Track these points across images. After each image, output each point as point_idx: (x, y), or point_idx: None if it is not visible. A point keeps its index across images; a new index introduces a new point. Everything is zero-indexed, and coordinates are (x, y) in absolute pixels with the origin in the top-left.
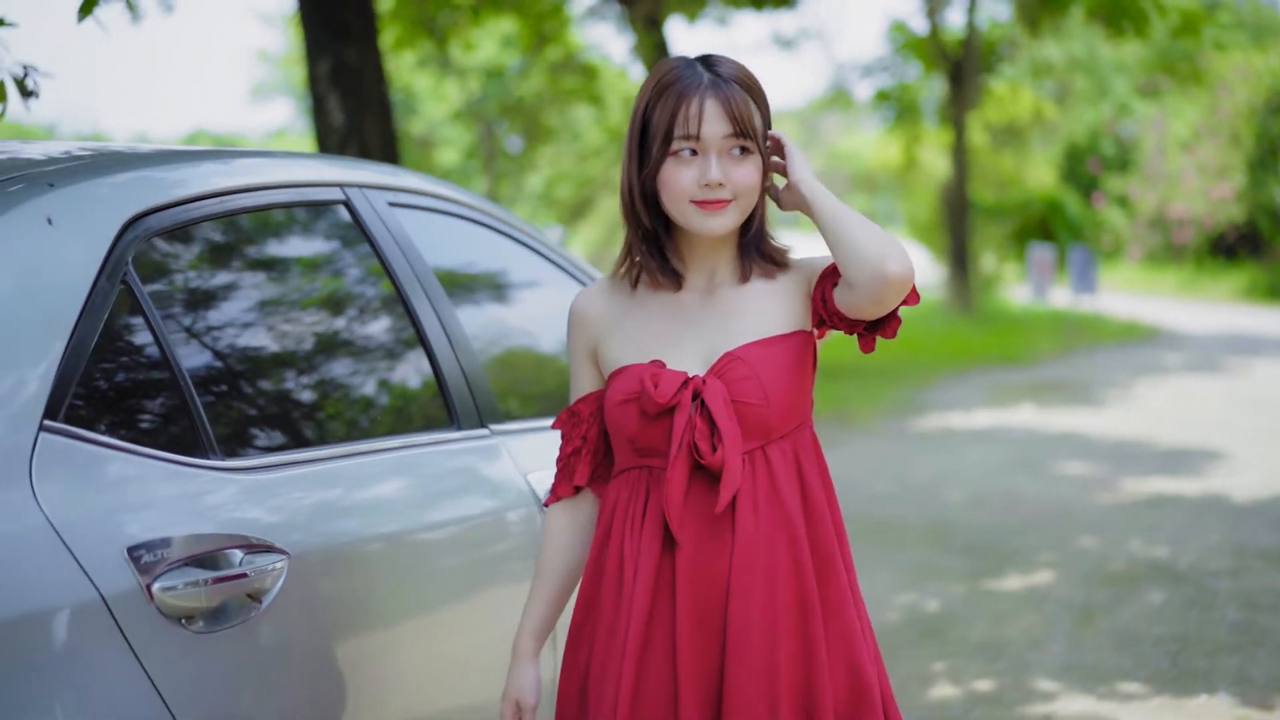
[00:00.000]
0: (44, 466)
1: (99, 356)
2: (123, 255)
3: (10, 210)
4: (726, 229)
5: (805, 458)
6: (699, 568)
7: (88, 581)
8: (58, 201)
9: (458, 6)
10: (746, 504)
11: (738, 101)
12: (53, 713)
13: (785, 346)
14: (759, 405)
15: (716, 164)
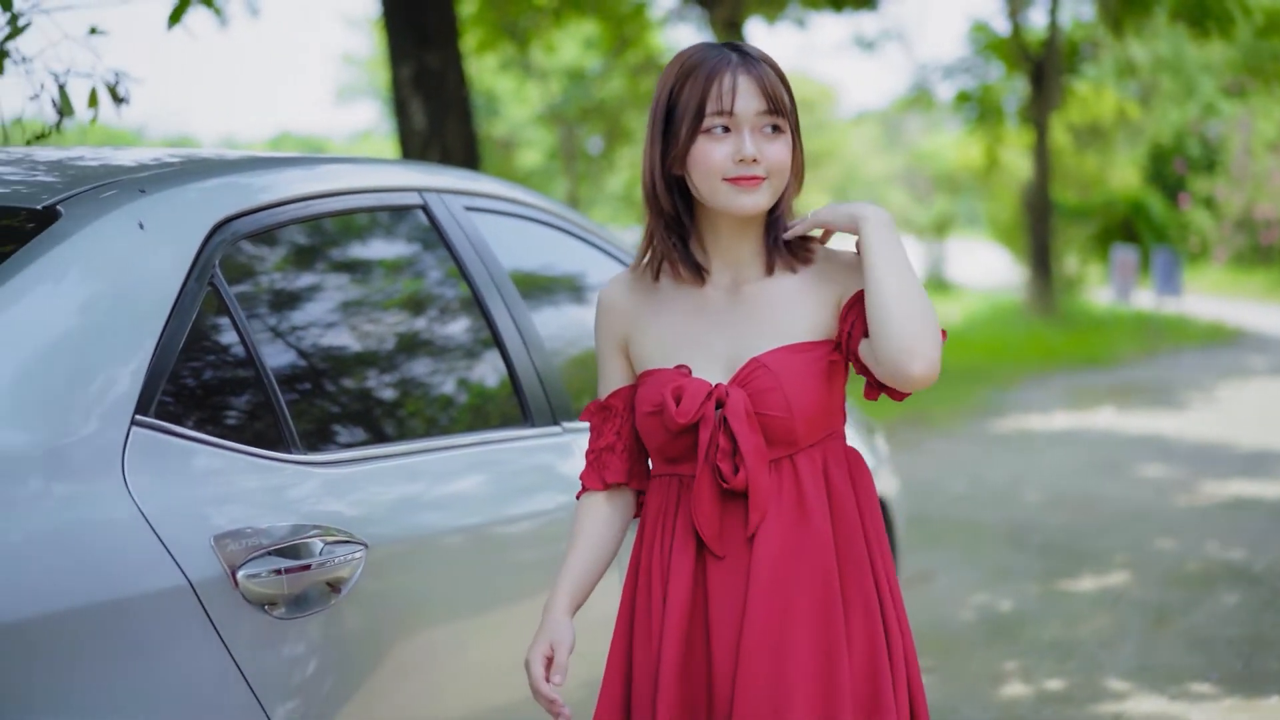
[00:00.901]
0: (135, 459)
1: (187, 354)
2: (210, 258)
3: (104, 215)
4: (760, 208)
5: (835, 468)
6: (724, 578)
7: (176, 568)
8: (149, 206)
9: (540, 9)
10: (771, 514)
11: (770, 79)
12: (144, 692)
13: (813, 356)
14: (783, 417)
15: (750, 140)
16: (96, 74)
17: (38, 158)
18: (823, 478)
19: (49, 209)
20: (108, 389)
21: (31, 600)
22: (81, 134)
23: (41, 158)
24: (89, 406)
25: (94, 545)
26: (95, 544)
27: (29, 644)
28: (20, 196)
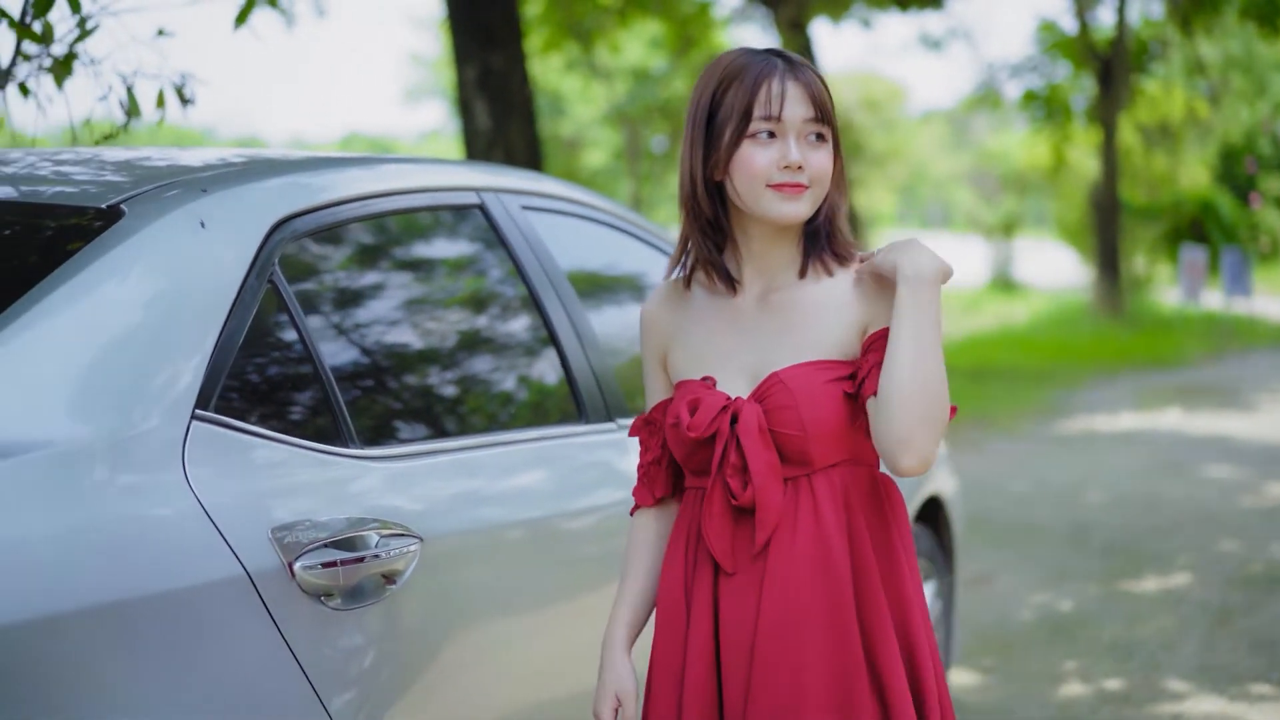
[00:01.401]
0: (195, 453)
1: (247, 351)
2: (270, 256)
3: (166, 214)
4: (801, 216)
5: (858, 493)
6: (735, 595)
7: (234, 559)
8: (210, 205)
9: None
10: (785, 533)
11: (816, 87)
12: (202, 680)
13: (834, 375)
14: (796, 435)
15: (796, 147)
16: (164, 75)
17: (105, 158)
18: (842, 502)
19: (113, 208)
20: (169, 384)
21: (95, 589)
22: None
23: (109, 158)
24: (151, 401)
25: (155, 536)
26: (156, 535)
27: (92, 631)
28: (86, 196)
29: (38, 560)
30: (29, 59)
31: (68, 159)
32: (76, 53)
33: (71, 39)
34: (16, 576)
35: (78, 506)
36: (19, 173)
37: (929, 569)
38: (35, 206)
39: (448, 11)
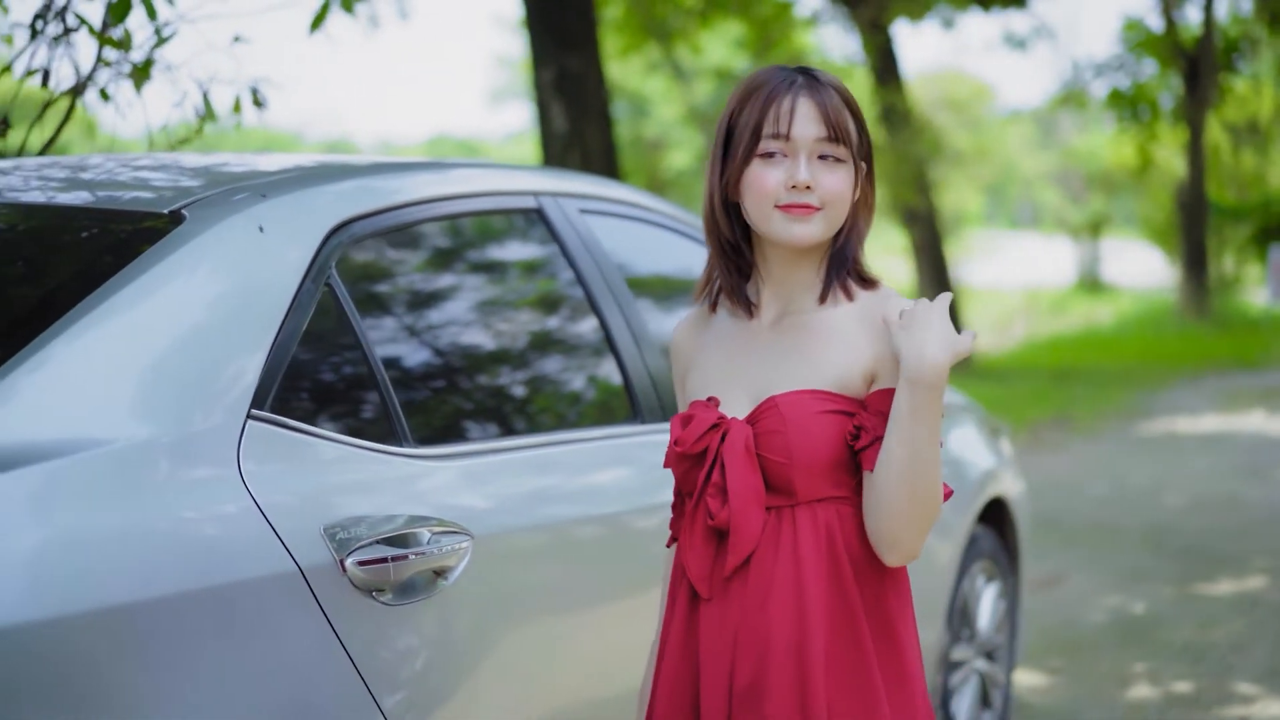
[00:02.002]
0: (250, 451)
1: (302, 352)
2: (327, 259)
3: (226, 219)
4: (812, 239)
5: (844, 537)
6: (716, 624)
7: (287, 555)
8: (269, 210)
9: (685, 10)
10: (765, 563)
11: (833, 106)
12: (255, 673)
13: (832, 408)
14: (781, 463)
15: (806, 166)
16: (239, 81)
17: (175, 163)
18: (825, 540)
19: (175, 213)
20: (225, 384)
21: (152, 582)
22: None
23: (179, 163)
24: (207, 400)
25: (209, 532)
26: (210, 531)
27: (149, 622)
28: (150, 201)
29: (99, 553)
30: (109, 65)
31: (144, 164)
32: (154, 59)
33: (150, 46)
34: (78, 568)
35: (136, 502)
36: (91, 178)
37: (993, 570)
38: (100, 211)
39: (526, 14)
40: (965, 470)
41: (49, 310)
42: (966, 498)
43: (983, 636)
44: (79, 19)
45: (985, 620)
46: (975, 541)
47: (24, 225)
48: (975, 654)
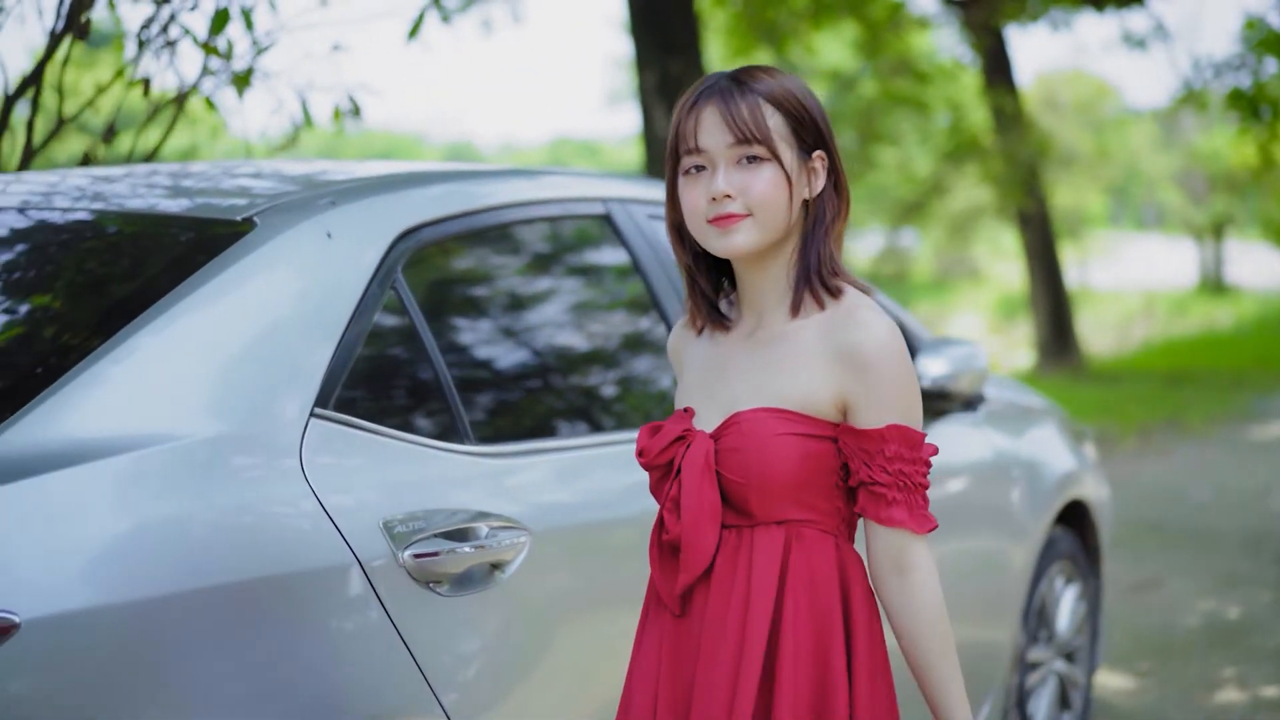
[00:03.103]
0: (313, 448)
1: (367, 353)
2: (393, 265)
3: (294, 226)
4: (746, 247)
5: (802, 563)
6: (679, 639)
7: (346, 548)
8: (337, 217)
9: (796, 13)
10: (724, 583)
11: (741, 108)
12: (313, 662)
13: (796, 429)
14: (738, 482)
15: (724, 175)
16: (338, 88)
17: (270, 170)
18: (779, 565)
19: (247, 220)
20: (290, 384)
21: (217, 570)
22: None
23: (271, 170)
24: (273, 399)
25: (271, 524)
26: (273, 523)
27: (215, 609)
28: (226, 208)
29: (168, 542)
30: (212, 74)
31: (240, 171)
32: (254, 68)
33: (252, 54)
34: (147, 556)
35: (204, 494)
36: (183, 184)
37: (1072, 572)
38: (179, 218)
39: (630, 18)
40: (1042, 472)
41: (123, 314)
42: (1044, 500)
43: (1061, 638)
44: (184, 29)
45: (1064, 622)
46: (1053, 543)
47: (114, 230)
48: (1054, 655)
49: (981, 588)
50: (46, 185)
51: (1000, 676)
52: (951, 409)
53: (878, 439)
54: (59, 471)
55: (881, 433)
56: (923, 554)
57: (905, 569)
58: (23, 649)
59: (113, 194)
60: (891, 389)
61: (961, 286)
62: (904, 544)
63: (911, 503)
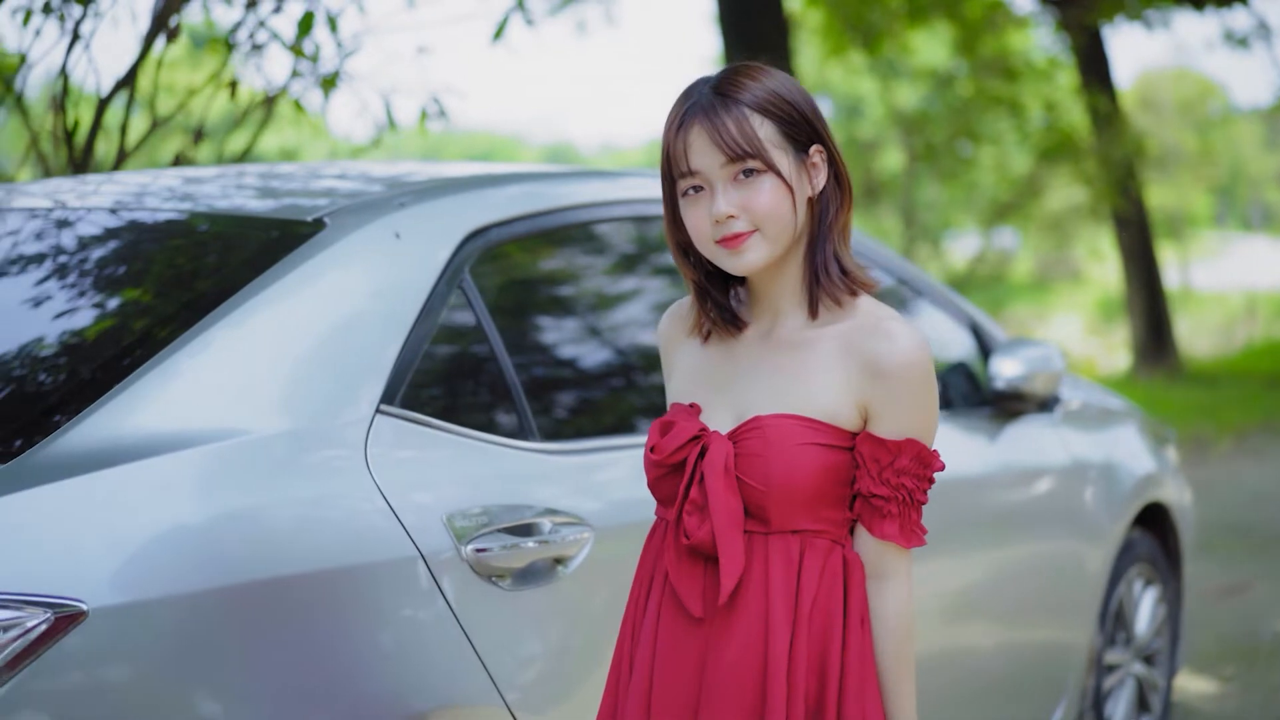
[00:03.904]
0: (378, 443)
1: (432, 351)
2: (461, 265)
3: (363, 226)
4: (757, 264)
5: (813, 571)
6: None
7: (410, 542)
8: (406, 218)
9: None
10: (744, 591)
11: (729, 124)
12: (377, 653)
13: (817, 437)
14: (758, 488)
15: (723, 195)
16: (423, 91)
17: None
18: (795, 574)
19: (317, 220)
20: (357, 380)
21: (282, 562)
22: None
23: (355, 172)
24: (339, 395)
25: (336, 517)
26: (337, 516)
27: (277, 601)
28: (299, 209)
29: (233, 534)
30: (299, 76)
31: (325, 172)
32: (340, 71)
33: (339, 58)
34: (213, 548)
35: (269, 488)
36: (266, 185)
37: (1151, 574)
38: (250, 219)
39: (719, 18)
40: (1120, 474)
41: (192, 313)
42: (1121, 502)
43: (1140, 640)
44: (272, 33)
45: (1143, 624)
46: (1131, 546)
47: (192, 230)
48: (1132, 658)
49: (1055, 589)
50: (138, 185)
51: (1075, 678)
52: (1026, 410)
53: (893, 450)
54: (130, 464)
55: (898, 444)
56: (903, 564)
57: (882, 575)
58: (91, 636)
59: (197, 194)
60: (912, 403)
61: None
62: (888, 553)
63: (905, 518)
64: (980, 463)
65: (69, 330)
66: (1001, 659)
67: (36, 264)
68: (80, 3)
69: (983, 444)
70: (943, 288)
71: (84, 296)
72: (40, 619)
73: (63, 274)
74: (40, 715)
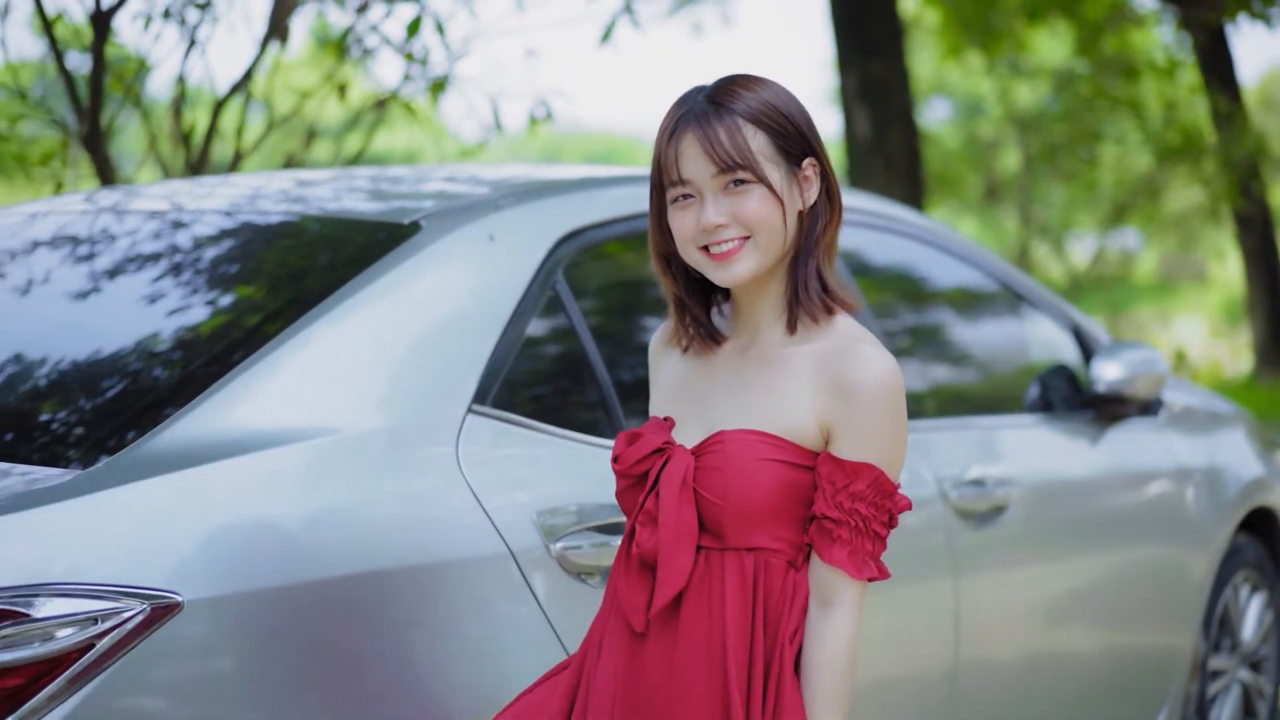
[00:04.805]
0: (469, 442)
1: (525, 352)
2: (554, 267)
3: (458, 229)
4: (746, 275)
5: (764, 590)
6: (634, 659)
7: (499, 538)
8: (500, 220)
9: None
10: (694, 606)
11: (720, 134)
12: (466, 648)
13: (778, 455)
14: (714, 502)
15: (713, 204)
16: (531, 93)
17: (453, 173)
18: (751, 592)
19: (413, 223)
20: (449, 380)
21: (373, 557)
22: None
23: (456, 174)
24: (432, 394)
25: (428, 514)
26: (429, 514)
27: (368, 595)
28: (397, 212)
29: (327, 530)
30: (410, 79)
31: (435, 175)
32: (449, 74)
33: (448, 61)
34: (307, 543)
35: (363, 485)
36: (369, 188)
37: (1258, 580)
38: (349, 221)
39: (831, 19)
40: (1225, 478)
41: (287, 314)
42: (1226, 506)
43: (1246, 646)
44: (383, 37)
45: (1249, 630)
46: (1237, 551)
47: (294, 231)
48: (1237, 664)
49: (1158, 594)
50: (250, 188)
51: (1178, 684)
52: (1129, 413)
53: (849, 473)
54: (229, 459)
55: (855, 468)
56: (851, 595)
57: (829, 603)
58: (185, 628)
59: (303, 196)
60: (875, 428)
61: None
62: (836, 581)
63: (855, 546)
64: (1082, 466)
65: (181, 327)
66: (1104, 663)
67: (152, 263)
68: (198, 7)
69: (1084, 447)
70: (1044, 290)
71: (192, 295)
72: (136, 610)
73: (174, 273)
74: (135, 704)
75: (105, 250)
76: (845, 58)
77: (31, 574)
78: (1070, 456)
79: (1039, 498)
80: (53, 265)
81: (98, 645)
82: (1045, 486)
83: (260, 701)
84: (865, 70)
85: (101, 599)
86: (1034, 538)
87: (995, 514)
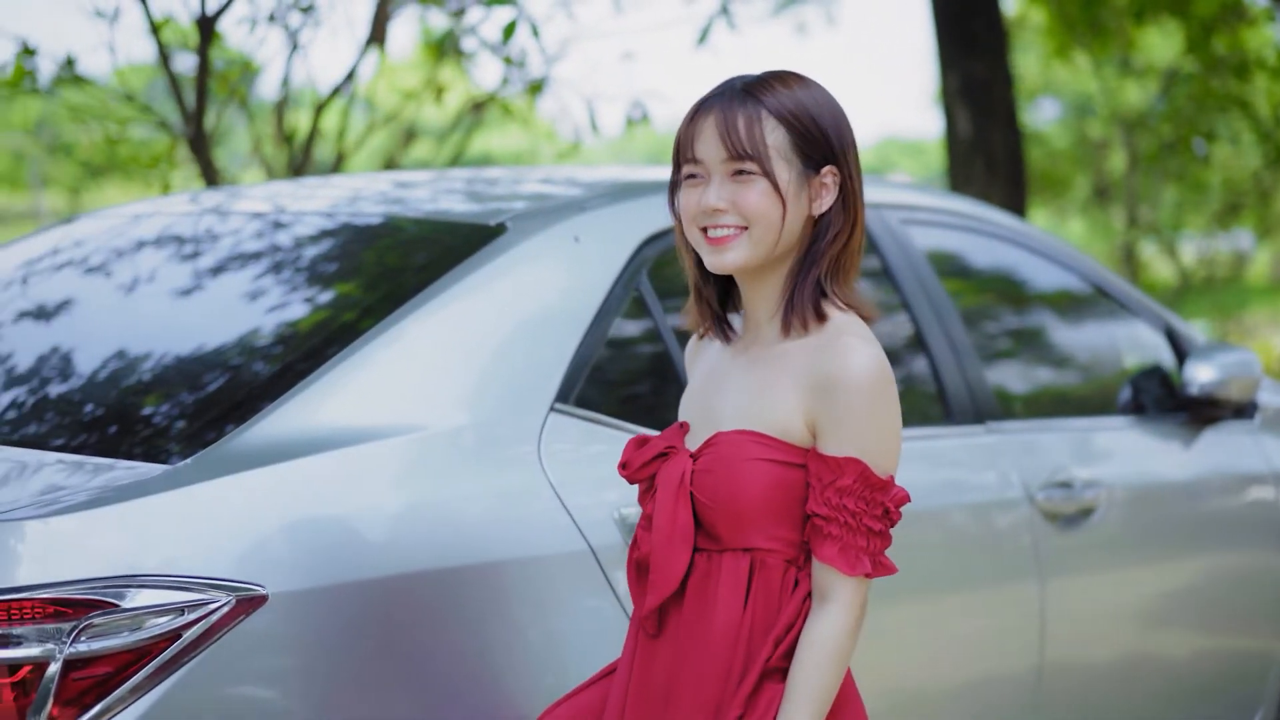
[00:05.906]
0: (551, 440)
1: (607, 352)
2: (638, 269)
3: (543, 230)
4: (735, 264)
5: (762, 591)
6: (646, 660)
7: (579, 535)
8: (585, 222)
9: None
10: (696, 608)
11: (739, 122)
12: (546, 645)
13: (771, 454)
14: (707, 504)
15: (717, 188)
16: (627, 96)
17: (549, 175)
18: (744, 594)
19: (500, 224)
20: (532, 379)
21: (456, 553)
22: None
23: (552, 176)
24: (515, 393)
25: (510, 512)
26: (511, 511)
27: (451, 590)
28: (484, 213)
29: (410, 525)
30: (507, 82)
31: (530, 176)
32: (546, 77)
33: (545, 63)
34: (390, 537)
35: (447, 482)
36: (465, 189)
37: None
38: (437, 222)
39: (933, 18)
40: None
41: (375, 314)
42: None
43: None
44: (481, 41)
45: None
46: None
47: (383, 232)
48: None
49: (1250, 598)
50: (349, 189)
51: (1273, 686)
52: (1222, 416)
53: (834, 468)
54: (314, 455)
55: (840, 463)
56: (846, 592)
57: (824, 599)
58: (270, 620)
59: (401, 198)
60: (858, 422)
61: None
62: (830, 578)
63: (846, 542)
64: (1173, 469)
65: (277, 325)
66: (1195, 667)
67: (252, 262)
68: (301, 10)
69: (1176, 450)
70: (1137, 292)
71: (290, 293)
72: (222, 601)
73: (272, 272)
74: (219, 694)
75: (207, 250)
76: (947, 57)
77: (122, 565)
78: (1161, 459)
79: (1128, 500)
80: (156, 265)
81: (184, 636)
82: (1135, 489)
83: (341, 694)
84: (967, 70)
85: (189, 590)
86: (1122, 540)
87: (1083, 516)
